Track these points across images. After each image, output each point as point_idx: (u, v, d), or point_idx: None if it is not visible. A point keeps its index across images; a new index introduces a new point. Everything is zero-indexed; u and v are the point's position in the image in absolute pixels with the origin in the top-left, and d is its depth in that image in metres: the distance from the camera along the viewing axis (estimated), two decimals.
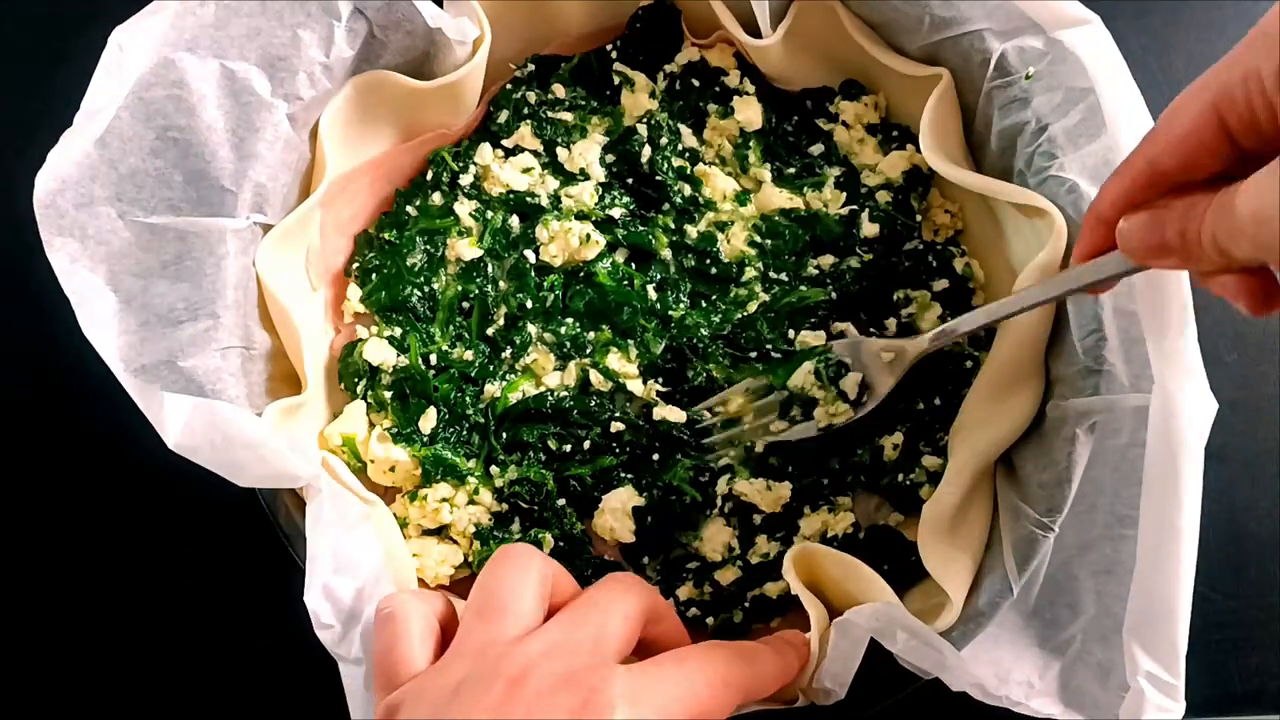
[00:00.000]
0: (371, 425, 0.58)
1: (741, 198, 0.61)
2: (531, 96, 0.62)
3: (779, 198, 0.61)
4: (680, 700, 0.39)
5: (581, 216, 0.60)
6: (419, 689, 0.40)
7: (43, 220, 0.47)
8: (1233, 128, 0.37)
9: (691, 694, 0.40)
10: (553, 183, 0.61)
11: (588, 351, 0.59)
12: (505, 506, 0.57)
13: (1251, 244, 0.35)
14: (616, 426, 0.57)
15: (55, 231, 0.47)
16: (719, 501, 0.57)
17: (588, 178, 0.61)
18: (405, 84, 0.56)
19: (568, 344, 0.59)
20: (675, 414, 0.57)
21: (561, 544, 0.57)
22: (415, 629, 0.43)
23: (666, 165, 0.61)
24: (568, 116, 0.62)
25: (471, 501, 0.57)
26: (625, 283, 0.59)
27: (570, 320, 0.59)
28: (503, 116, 0.62)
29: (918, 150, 0.59)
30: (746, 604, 0.56)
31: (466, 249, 0.59)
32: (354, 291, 0.59)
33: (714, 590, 0.57)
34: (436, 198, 0.61)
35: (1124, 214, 0.41)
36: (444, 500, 0.57)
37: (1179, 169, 0.39)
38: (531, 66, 0.63)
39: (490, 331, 0.59)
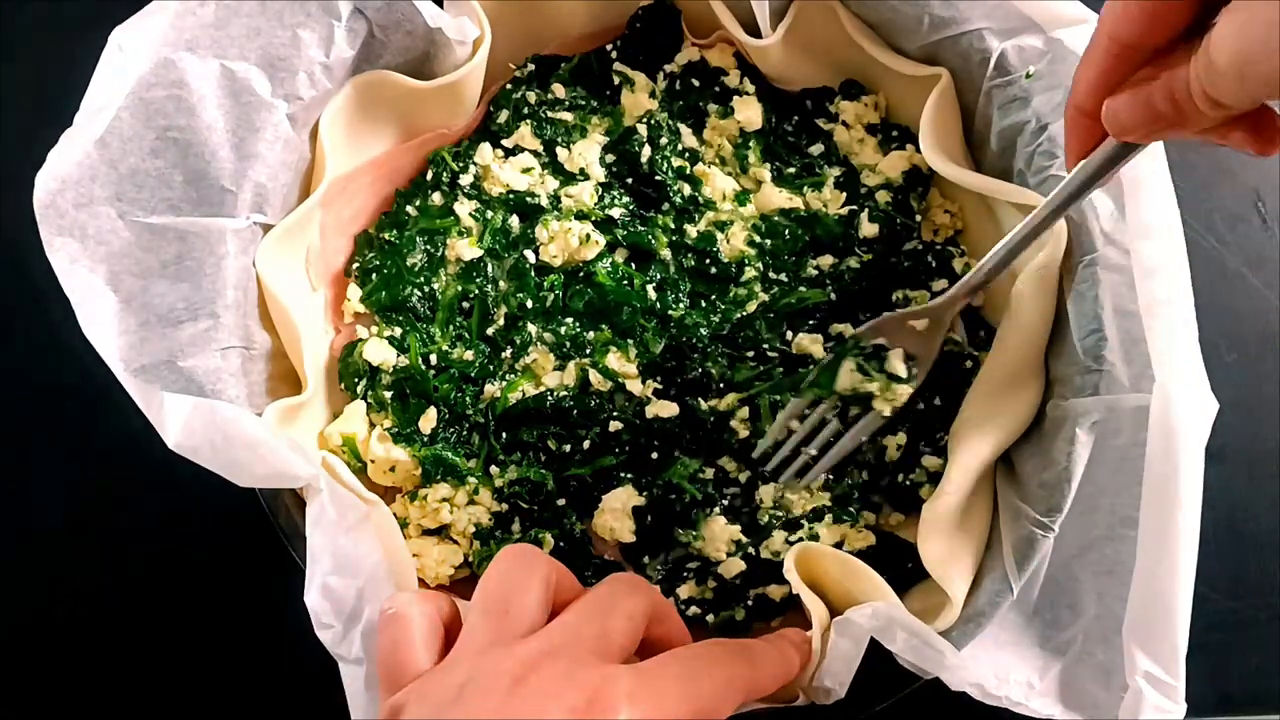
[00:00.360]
0: (371, 425, 0.58)
1: (741, 198, 0.61)
2: (531, 96, 0.62)
3: (779, 198, 0.61)
4: (684, 699, 0.39)
5: (581, 216, 0.60)
6: (423, 689, 0.40)
7: (43, 220, 0.47)
8: None
9: (695, 693, 0.40)
10: (553, 183, 0.61)
11: (587, 351, 0.59)
12: (505, 506, 0.57)
13: (1240, 87, 0.34)
14: (615, 426, 0.57)
15: (55, 231, 0.47)
16: (727, 499, 0.57)
17: (588, 178, 0.61)
18: (405, 84, 0.56)
19: (568, 344, 0.59)
20: (668, 409, 0.57)
21: (561, 544, 0.57)
22: (419, 629, 0.43)
23: (666, 165, 0.61)
24: (568, 116, 0.62)
25: (471, 501, 0.57)
26: (625, 283, 0.59)
27: (570, 320, 0.59)
28: (503, 116, 0.62)
29: (918, 150, 0.59)
30: (749, 601, 0.56)
31: (466, 249, 0.59)
32: (354, 291, 0.59)
33: (717, 585, 0.56)
34: (436, 198, 0.61)
35: (1104, 99, 0.40)
36: (444, 500, 0.57)
37: (1144, 33, 0.38)
38: (531, 66, 0.63)
39: (490, 331, 0.59)
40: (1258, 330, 0.68)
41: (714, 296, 0.60)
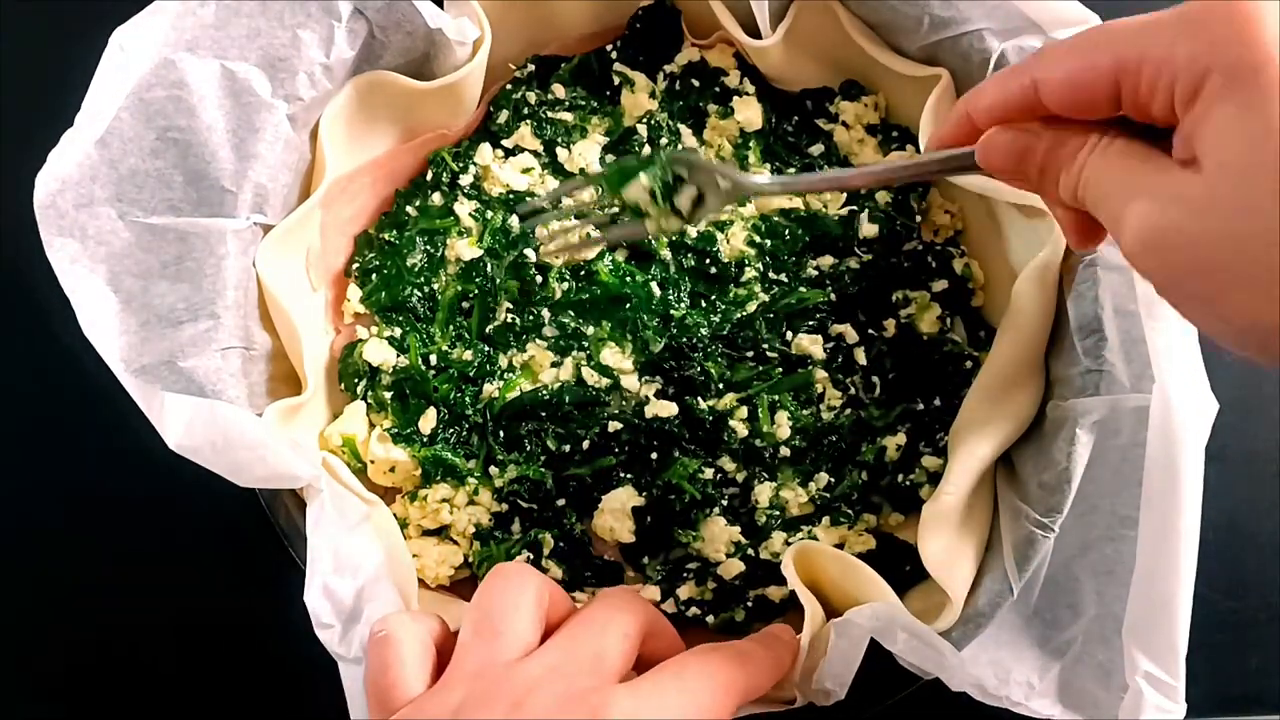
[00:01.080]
0: (371, 426, 0.58)
1: (741, 198, 0.61)
2: (531, 97, 0.62)
3: (779, 198, 0.61)
4: (683, 712, 0.39)
5: (581, 216, 0.60)
6: (416, 713, 0.39)
7: (43, 220, 0.47)
8: (1125, 98, 0.36)
9: (694, 705, 0.40)
10: (553, 183, 0.61)
11: (584, 346, 0.59)
12: (505, 507, 0.57)
13: (1145, 257, 0.35)
14: (614, 426, 0.57)
15: (55, 232, 0.47)
16: (726, 499, 0.57)
17: None
18: (405, 84, 0.56)
19: (565, 340, 0.59)
20: (667, 409, 0.57)
21: (561, 544, 0.57)
22: (410, 652, 0.42)
23: None
24: (568, 117, 0.62)
25: (471, 502, 0.57)
26: (627, 278, 0.59)
27: (571, 313, 0.59)
28: (503, 117, 0.62)
29: (918, 150, 0.59)
30: (749, 603, 0.56)
31: (466, 249, 0.59)
32: (354, 292, 0.59)
33: (717, 585, 0.56)
34: (436, 198, 0.61)
35: (994, 124, 0.41)
36: (444, 501, 0.57)
37: (1059, 106, 0.38)
38: (531, 67, 0.63)
39: (490, 331, 0.59)
40: None
41: (714, 296, 0.60)
